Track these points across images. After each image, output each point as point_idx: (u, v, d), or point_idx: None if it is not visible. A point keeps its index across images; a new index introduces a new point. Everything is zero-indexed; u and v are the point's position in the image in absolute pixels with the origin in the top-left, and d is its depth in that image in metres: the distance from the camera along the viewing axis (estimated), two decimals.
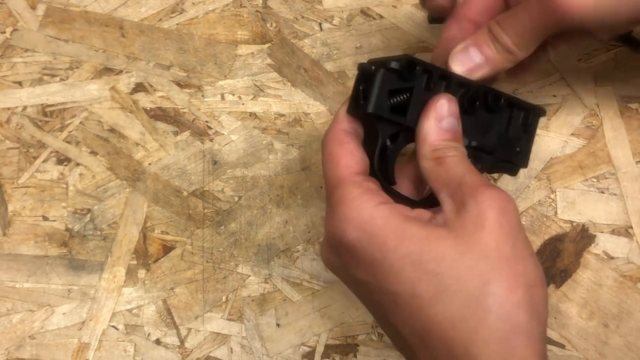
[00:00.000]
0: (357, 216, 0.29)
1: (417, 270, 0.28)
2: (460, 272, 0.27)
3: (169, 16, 0.50)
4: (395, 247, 0.28)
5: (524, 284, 0.27)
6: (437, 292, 0.27)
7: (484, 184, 0.29)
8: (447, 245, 0.28)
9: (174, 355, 0.42)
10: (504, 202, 0.28)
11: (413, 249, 0.28)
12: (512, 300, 0.27)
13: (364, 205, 0.29)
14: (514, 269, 0.27)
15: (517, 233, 0.28)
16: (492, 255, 0.27)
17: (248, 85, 0.48)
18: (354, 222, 0.29)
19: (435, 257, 0.28)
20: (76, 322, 0.43)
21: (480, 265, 0.27)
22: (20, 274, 0.44)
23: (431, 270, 0.27)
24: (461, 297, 0.27)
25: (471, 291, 0.27)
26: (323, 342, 0.43)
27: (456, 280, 0.27)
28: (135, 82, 0.48)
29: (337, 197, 0.30)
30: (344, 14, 0.50)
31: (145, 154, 0.46)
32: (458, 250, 0.27)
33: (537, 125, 0.37)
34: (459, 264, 0.27)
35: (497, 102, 0.34)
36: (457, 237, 0.28)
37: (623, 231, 0.44)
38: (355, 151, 0.32)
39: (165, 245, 0.44)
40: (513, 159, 0.36)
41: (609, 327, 0.42)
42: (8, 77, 0.48)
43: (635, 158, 0.45)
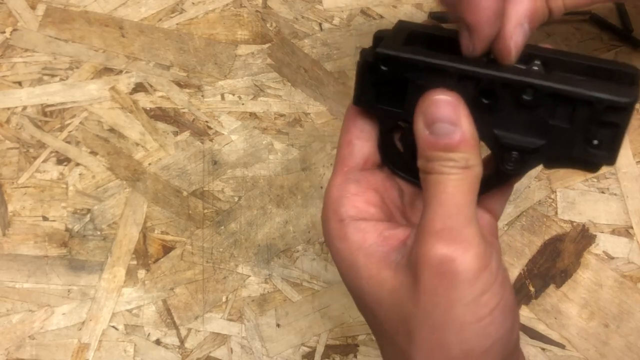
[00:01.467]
0: (324, 227, 0.29)
1: (361, 303, 0.28)
2: (394, 322, 0.27)
3: (169, 16, 0.50)
4: (345, 274, 0.28)
5: (446, 358, 0.25)
6: (377, 330, 0.28)
7: (441, 234, 0.25)
8: (386, 291, 0.26)
9: (174, 356, 0.42)
10: (444, 262, 0.25)
11: (357, 285, 0.28)
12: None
13: (330, 217, 0.29)
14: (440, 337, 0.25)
15: (456, 298, 0.25)
16: (420, 320, 0.26)
17: (248, 85, 0.48)
18: (323, 231, 0.30)
19: (375, 300, 0.27)
20: (76, 322, 0.43)
21: (410, 323, 0.26)
22: (20, 274, 0.44)
23: (371, 310, 0.27)
24: (394, 346, 0.27)
25: (401, 346, 0.26)
26: (323, 343, 0.43)
27: (391, 328, 0.27)
28: (135, 82, 0.48)
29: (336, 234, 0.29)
30: (344, 14, 0.50)
31: (145, 154, 0.46)
32: (395, 300, 0.26)
33: (624, 115, 0.26)
34: (394, 313, 0.26)
35: (522, 97, 0.26)
36: (399, 284, 0.26)
37: (623, 231, 0.44)
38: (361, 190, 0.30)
39: (165, 246, 0.44)
40: (583, 154, 0.28)
41: (610, 327, 0.42)
42: (8, 77, 0.48)
43: (636, 158, 0.45)
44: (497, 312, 0.25)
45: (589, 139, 0.27)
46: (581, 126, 0.27)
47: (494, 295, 0.25)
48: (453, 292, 0.25)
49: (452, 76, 0.27)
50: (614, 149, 0.27)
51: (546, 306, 0.43)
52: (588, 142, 0.27)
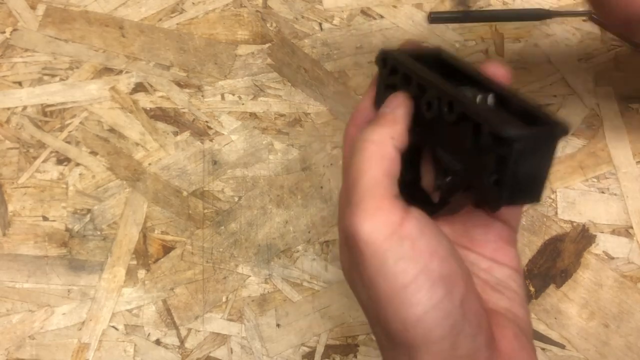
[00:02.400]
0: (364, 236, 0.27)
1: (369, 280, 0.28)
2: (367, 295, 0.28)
3: (169, 16, 0.50)
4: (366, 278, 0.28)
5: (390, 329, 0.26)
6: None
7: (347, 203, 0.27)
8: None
9: (174, 356, 0.42)
10: (352, 238, 0.26)
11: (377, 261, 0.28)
12: (389, 346, 0.27)
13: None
14: (380, 313, 0.26)
15: (373, 269, 0.26)
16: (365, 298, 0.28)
17: (248, 85, 0.48)
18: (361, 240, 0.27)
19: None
20: (76, 322, 0.43)
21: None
22: (20, 274, 0.44)
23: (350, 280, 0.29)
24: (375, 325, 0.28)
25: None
26: (323, 343, 0.43)
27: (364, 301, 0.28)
28: (135, 82, 0.48)
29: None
30: (344, 14, 0.50)
31: (145, 154, 0.46)
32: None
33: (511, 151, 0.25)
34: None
35: (446, 113, 0.27)
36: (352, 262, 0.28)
37: (623, 231, 0.44)
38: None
39: (165, 246, 0.44)
40: (484, 189, 0.26)
41: (610, 327, 0.42)
42: (8, 77, 0.48)
43: (636, 158, 0.45)
44: (422, 279, 0.25)
45: (487, 173, 0.26)
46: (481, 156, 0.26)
47: (414, 262, 0.25)
48: (368, 262, 0.26)
49: (415, 84, 0.29)
50: (504, 188, 0.25)
51: (546, 306, 0.43)
52: (487, 176, 0.26)
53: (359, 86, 0.48)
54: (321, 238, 0.44)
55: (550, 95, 0.47)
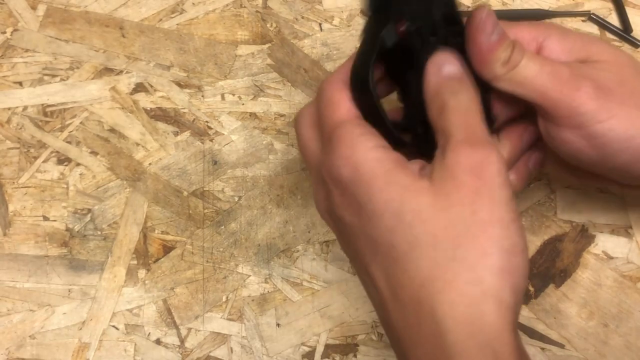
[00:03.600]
0: (352, 154, 0.29)
1: (395, 219, 0.27)
2: (434, 229, 0.27)
3: (169, 16, 0.50)
4: (380, 191, 0.28)
5: (499, 250, 0.26)
6: (412, 246, 0.27)
7: (468, 140, 0.28)
8: (426, 200, 0.27)
9: (174, 355, 0.42)
10: (479, 164, 0.28)
11: (394, 197, 0.28)
12: (484, 264, 0.26)
13: (362, 145, 0.29)
14: (489, 234, 0.27)
15: (496, 196, 0.27)
16: (468, 218, 0.27)
17: (248, 86, 0.48)
18: (349, 160, 0.29)
19: (413, 209, 0.27)
20: (76, 322, 0.43)
21: (455, 226, 0.27)
22: (20, 274, 0.44)
23: (408, 222, 0.27)
24: (433, 255, 0.27)
25: (443, 252, 0.26)
26: (323, 342, 0.43)
27: (431, 237, 0.27)
28: (135, 82, 0.48)
29: (337, 136, 0.30)
30: (344, 14, 0.50)
31: (146, 154, 0.46)
32: (436, 207, 0.27)
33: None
34: (434, 222, 0.27)
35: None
36: (437, 193, 0.27)
37: (623, 231, 0.44)
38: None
39: (165, 245, 0.44)
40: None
41: (609, 326, 0.42)
42: (8, 77, 0.48)
43: None
44: (520, 221, 0.28)
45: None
46: None
47: (515, 204, 0.28)
48: (494, 191, 0.27)
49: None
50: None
51: (545, 306, 0.43)
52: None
53: None
54: (321, 238, 0.45)
55: None
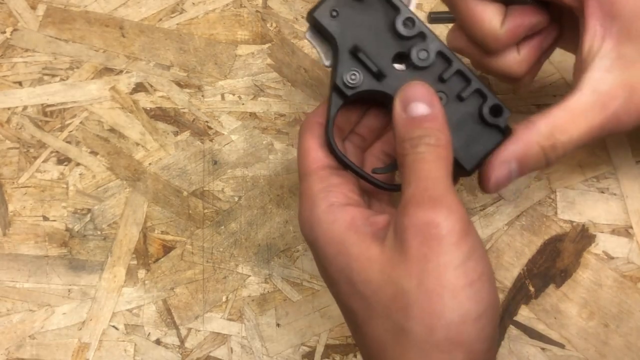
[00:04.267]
0: (310, 215, 0.29)
1: (350, 287, 0.27)
2: (385, 300, 0.26)
3: (169, 16, 0.50)
4: (333, 259, 0.28)
5: (446, 323, 0.25)
6: (368, 314, 0.27)
7: (420, 198, 0.27)
8: (375, 270, 0.27)
9: (174, 355, 0.42)
10: (426, 226, 0.26)
11: (344, 267, 0.27)
12: (432, 341, 0.25)
13: (318, 204, 0.29)
14: (435, 306, 0.25)
15: (444, 262, 0.26)
16: (414, 290, 0.26)
17: (248, 85, 0.48)
18: (307, 221, 0.29)
19: (363, 280, 0.27)
20: (76, 322, 0.43)
21: (403, 297, 0.26)
22: (20, 274, 0.44)
23: (360, 293, 0.27)
24: (387, 326, 0.26)
25: (395, 323, 0.26)
26: (323, 342, 0.43)
27: (382, 307, 0.26)
28: (135, 82, 0.48)
29: (301, 189, 0.31)
30: None
31: (146, 154, 0.46)
32: (384, 278, 0.26)
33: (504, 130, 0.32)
34: (383, 292, 0.26)
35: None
36: (385, 263, 0.27)
37: (623, 231, 0.44)
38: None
39: (165, 245, 0.44)
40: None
41: (609, 327, 0.42)
42: (8, 77, 0.48)
43: (635, 158, 0.45)
44: (485, 278, 0.26)
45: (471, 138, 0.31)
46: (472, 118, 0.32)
47: (480, 261, 0.26)
48: (441, 256, 0.26)
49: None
50: (477, 157, 0.32)
51: (546, 306, 0.43)
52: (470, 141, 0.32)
53: None
54: None
55: (550, 95, 0.47)
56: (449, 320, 0.25)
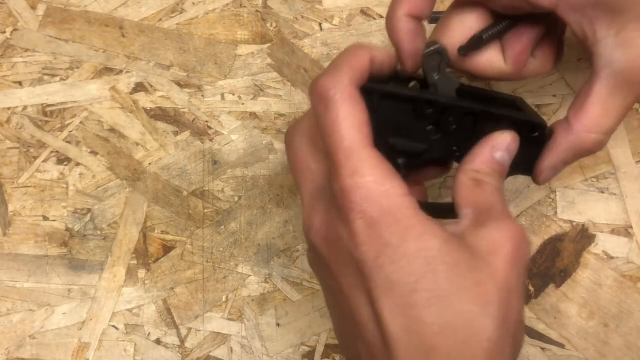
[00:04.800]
0: (384, 196, 0.27)
1: (427, 266, 0.27)
2: (466, 286, 0.27)
3: (169, 16, 0.50)
4: (416, 238, 0.27)
5: (514, 320, 0.28)
6: (438, 296, 0.27)
7: (510, 217, 0.30)
8: (464, 257, 0.28)
9: (174, 355, 0.42)
10: (521, 240, 0.29)
11: (432, 246, 0.27)
12: (499, 335, 0.27)
13: (393, 190, 0.28)
14: (511, 302, 0.28)
15: (523, 272, 0.29)
16: (499, 283, 0.27)
17: (248, 85, 0.48)
18: (381, 200, 0.27)
19: (450, 262, 0.27)
20: (76, 322, 0.43)
21: (487, 287, 0.27)
22: (20, 274, 0.44)
23: (441, 272, 0.27)
24: (457, 308, 0.27)
25: (469, 311, 0.27)
26: (323, 342, 0.43)
27: (460, 292, 0.27)
28: (135, 82, 0.48)
29: (358, 178, 0.27)
30: (344, 14, 0.50)
31: (146, 154, 0.46)
32: (471, 265, 0.27)
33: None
34: (467, 278, 0.27)
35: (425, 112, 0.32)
36: (472, 253, 0.28)
37: (623, 231, 0.44)
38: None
39: (165, 245, 0.44)
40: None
41: (609, 326, 0.42)
42: (8, 77, 0.48)
43: (635, 158, 0.45)
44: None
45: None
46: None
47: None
48: (523, 268, 0.29)
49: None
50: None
51: (546, 306, 0.43)
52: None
53: None
54: None
55: (550, 95, 0.47)
56: (517, 318, 0.28)
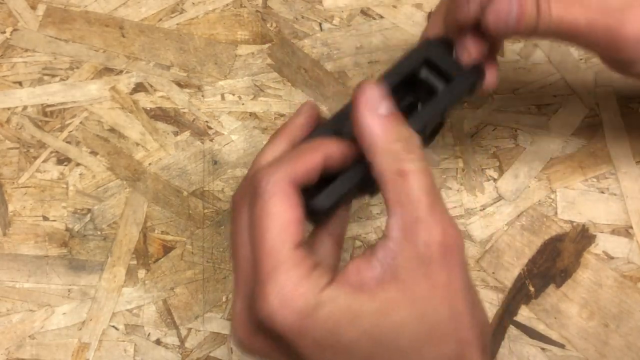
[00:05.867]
0: (302, 304, 0.25)
1: (373, 344, 0.26)
2: (419, 339, 0.26)
3: (169, 16, 0.50)
4: (349, 329, 0.25)
5: (480, 337, 0.27)
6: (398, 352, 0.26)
7: (440, 212, 0.26)
8: (404, 313, 0.25)
9: (174, 355, 0.42)
10: (456, 237, 0.26)
11: (368, 326, 0.25)
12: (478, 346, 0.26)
13: (309, 291, 0.25)
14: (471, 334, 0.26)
15: (466, 283, 0.26)
16: (445, 317, 0.26)
17: (248, 85, 0.48)
18: (299, 311, 0.25)
19: (392, 327, 0.25)
20: (76, 322, 0.43)
21: (441, 330, 0.26)
22: (20, 274, 0.44)
23: (392, 341, 0.25)
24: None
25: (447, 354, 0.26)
26: None
27: (418, 351, 0.26)
28: (135, 82, 0.48)
29: (274, 279, 0.26)
30: (344, 14, 0.50)
31: (146, 154, 0.46)
32: (414, 314, 0.25)
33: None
34: (417, 330, 0.26)
35: None
36: (411, 297, 0.26)
37: (623, 231, 0.44)
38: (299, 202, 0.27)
39: (165, 245, 0.44)
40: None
41: (609, 327, 0.42)
42: (8, 77, 0.48)
43: (635, 158, 0.45)
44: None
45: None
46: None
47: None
48: (465, 280, 0.28)
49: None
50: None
51: (546, 306, 0.43)
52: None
53: None
54: None
55: (550, 95, 0.47)
56: (482, 329, 0.27)
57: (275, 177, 0.26)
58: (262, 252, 0.26)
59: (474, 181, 0.45)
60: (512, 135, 0.46)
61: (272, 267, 0.26)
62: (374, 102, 0.28)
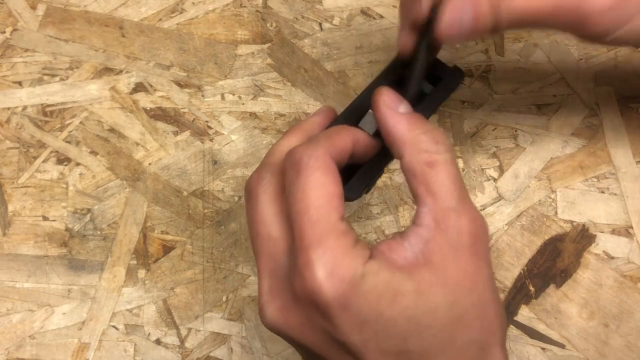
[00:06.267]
0: (351, 273, 0.25)
1: (410, 324, 0.26)
2: (452, 322, 0.26)
3: (169, 16, 0.50)
4: (389, 305, 0.26)
5: (502, 325, 0.28)
6: (428, 352, 0.26)
7: (468, 203, 0.27)
8: (439, 297, 0.26)
9: (174, 355, 0.42)
10: (482, 227, 0.27)
11: (407, 304, 0.26)
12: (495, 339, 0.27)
13: (356, 261, 0.26)
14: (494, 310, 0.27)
15: (490, 274, 0.27)
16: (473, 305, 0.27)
17: (248, 85, 0.48)
18: (348, 280, 0.25)
19: (428, 310, 0.26)
20: (76, 322, 0.43)
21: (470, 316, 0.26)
22: (20, 274, 0.44)
23: (425, 328, 0.26)
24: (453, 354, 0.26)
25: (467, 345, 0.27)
26: None
27: (449, 334, 0.26)
28: (135, 82, 0.48)
29: (322, 247, 0.26)
30: (344, 14, 0.50)
31: (145, 153, 0.46)
32: (448, 299, 0.26)
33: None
34: (450, 315, 0.26)
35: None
36: (444, 282, 0.26)
37: (623, 231, 0.44)
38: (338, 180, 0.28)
39: (165, 245, 0.44)
40: None
41: (609, 327, 0.42)
42: (8, 77, 0.48)
43: (636, 158, 0.45)
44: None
45: None
46: None
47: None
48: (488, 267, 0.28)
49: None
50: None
51: (546, 306, 0.43)
52: None
53: (359, 86, 0.48)
54: None
55: (550, 95, 0.47)
56: (503, 321, 0.28)
57: (317, 153, 0.27)
58: (307, 223, 0.26)
59: (474, 181, 0.45)
60: (512, 135, 0.46)
61: (318, 237, 0.26)
62: (394, 103, 0.29)
